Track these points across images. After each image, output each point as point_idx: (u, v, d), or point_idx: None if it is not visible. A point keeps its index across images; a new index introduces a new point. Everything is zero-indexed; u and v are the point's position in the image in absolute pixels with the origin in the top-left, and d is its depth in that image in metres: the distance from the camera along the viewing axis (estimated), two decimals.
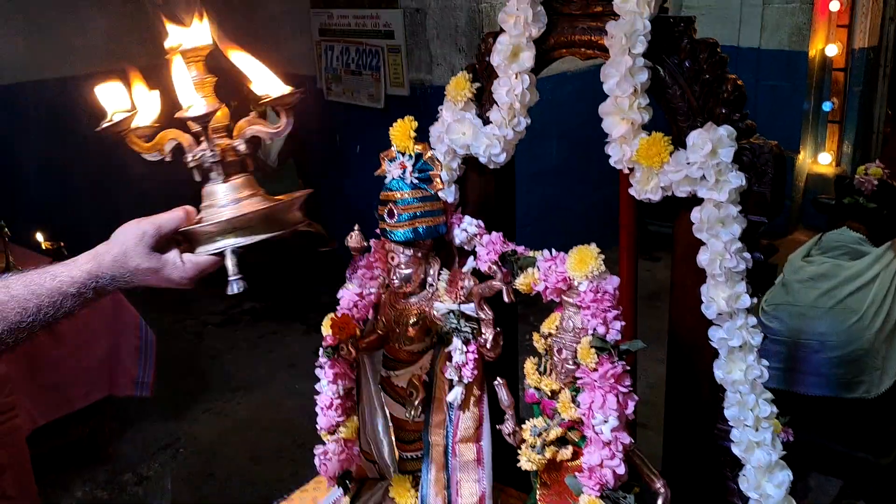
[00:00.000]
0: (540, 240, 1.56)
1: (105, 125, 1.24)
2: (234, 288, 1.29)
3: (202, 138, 1.28)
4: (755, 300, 1.39)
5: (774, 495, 1.39)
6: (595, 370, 1.29)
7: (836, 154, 6.34)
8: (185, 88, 1.28)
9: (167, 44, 1.28)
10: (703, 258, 1.40)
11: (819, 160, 6.34)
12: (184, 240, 1.26)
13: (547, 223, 5.50)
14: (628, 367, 1.31)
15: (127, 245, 1.21)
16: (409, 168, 1.54)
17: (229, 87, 1.44)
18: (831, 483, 2.17)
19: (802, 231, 5.97)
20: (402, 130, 1.57)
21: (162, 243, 1.23)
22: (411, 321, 1.60)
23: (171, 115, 1.31)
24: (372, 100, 5.45)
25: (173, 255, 1.23)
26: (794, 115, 6.05)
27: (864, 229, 3.19)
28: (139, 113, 1.28)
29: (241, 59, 1.33)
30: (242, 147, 1.33)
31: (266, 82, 1.32)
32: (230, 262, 1.26)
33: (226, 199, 1.26)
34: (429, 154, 1.55)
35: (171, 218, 1.23)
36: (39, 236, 3.37)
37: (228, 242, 1.24)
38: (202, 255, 1.23)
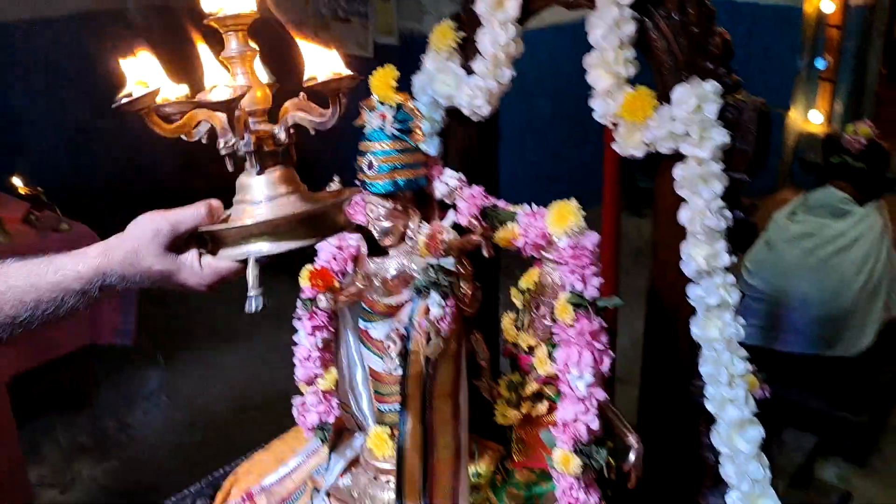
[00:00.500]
0: (528, 196, 1.54)
1: (123, 101, 1.01)
2: (253, 306, 1.13)
3: (236, 123, 1.06)
4: (734, 258, 1.38)
5: (745, 451, 1.40)
6: (572, 326, 1.29)
7: (828, 113, 6.30)
8: (210, 64, 1.06)
9: (206, 6, 1.05)
10: (683, 215, 1.39)
11: (810, 119, 6.31)
12: (207, 239, 1.08)
13: (535, 180, 5.46)
14: (605, 325, 1.31)
15: (140, 242, 1.05)
16: (390, 118, 1.51)
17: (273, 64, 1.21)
18: (807, 439, 2.20)
19: (791, 190, 5.95)
20: (382, 79, 1.53)
21: (179, 242, 1.06)
22: (390, 274, 1.59)
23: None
24: (360, 48, 5.35)
25: (191, 257, 1.07)
26: (786, 72, 5.99)
27: (850, 189, 3.18)
28: (163, 87, 1.05)
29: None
30: (283, 136, 1.11)
31: (317, 61, 1.11)
32: (252, 274, 1.08)
33: (260, 194, 1.06)
34: (410, 104, 1.52)
35: (190, 215, 1.06)
36: (17, 180, 3.31)
37: (257, 248, 1.04)
38: (224, 261, 1.07)
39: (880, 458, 3.13)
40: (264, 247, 1.03)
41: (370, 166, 1.50)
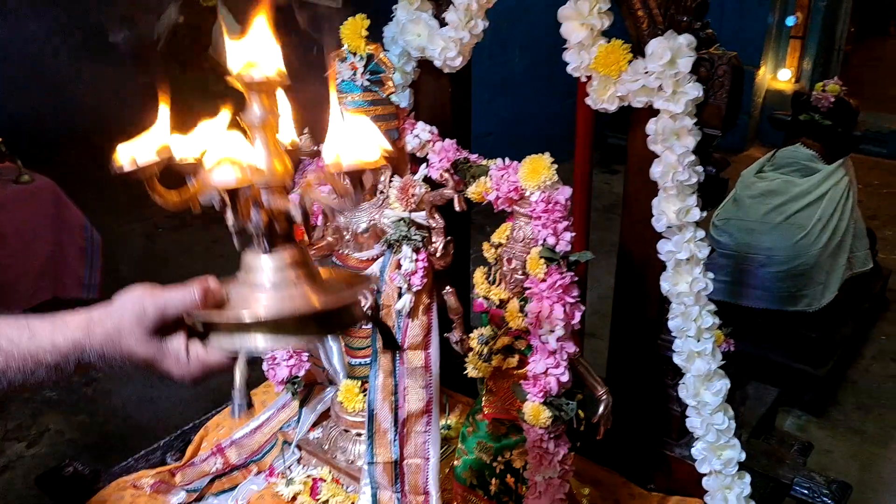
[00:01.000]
0: (501, 151, 1.53)
1: (123, 166, 0.91)
2: (237, 413, 0.99)
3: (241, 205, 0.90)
4: (704, 214, 1.39)
5: (711, 402, 1.43)
6: (543, 280, 1.29)
7: (797, 70, 6.34)
8: (216, 134, 0.90)
9: (233, 67, 0.90)
10: (655, 170, 1.39)
11: (779, 76, 6.34)
12: (198, 325, 0.92)
13: (508, 134, 5.44)
14: (577, 278, 1.31)
15: (123, 322, 0.91)
16: (360, 69, 1.48)
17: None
18: (768, 392, 2.25)
19: (758, 148, 6.02)
20: (352, 29, 1.50)
21: (167, 326, 0.92)
22: (361, 228, 1.58)
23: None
24: None
25: (177, 345, 0.92)
26: (757, 29, 6.00)
27: (818, 147, 3.21)
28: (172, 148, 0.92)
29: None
30: (299, 217, 0.92)
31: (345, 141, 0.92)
32: (239, 374, 0.94)
33: (266, 279, 0.89)
34: (381, 55, 1.49)
35: (180, 298, 0.90)
36: None
37: (254, 344, 0.86)
38: (214, 353, 0.91)
39: (838, 410, 3.22)
40: (262, 342, 0.86)
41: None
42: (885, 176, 5.79)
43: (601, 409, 1.39)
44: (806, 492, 1.72)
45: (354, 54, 1.48)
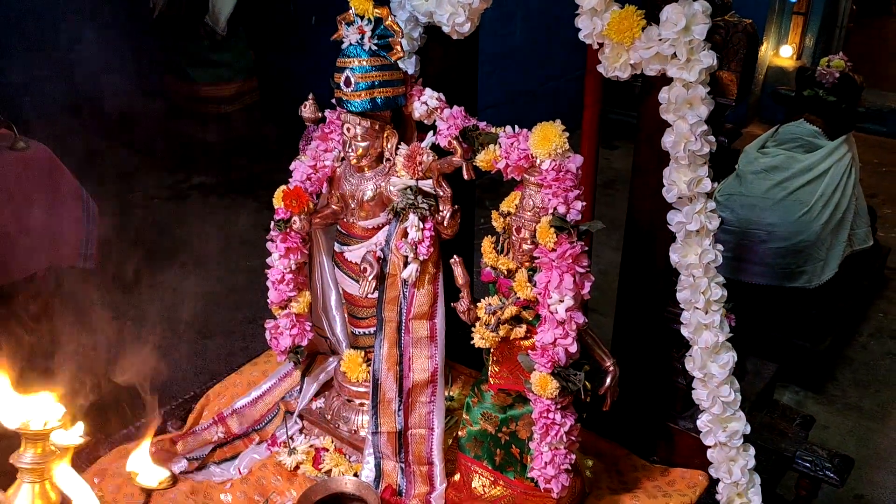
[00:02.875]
0: (501, 123, 1.50)
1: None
2: None
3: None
4: (716, 184, 1.37)
5: (718, 375, 1.42)
6: (553, 250, 1.28)
7: (798, 47, 6.29)
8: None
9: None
10: (667, 140, 1.37)
11: (780, 53, 6.30)
12: None
13: (509, 106, 5.39)
14: (587, 248, 1.30)
15: None
16: (368, 33, 1.45)
17: None
18: (767, 367, 2.26)
19: (758, 125, 5.99)
20: None
21: None
22: (366, 196, 1.56)
23: None
24: None
25: None
26: (760, 4, 5.94)
27: (821, 122, 3.18)
28: None
29: None
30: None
31: None
32: None
33: None
34: (389, 20, 1.46)
35: None
36: None
37: None
38: None
39: (835, 385, 3.24)
40: None
41: (347, 83, 1.45)
42: (886, 154, 5.78)
43: (608, 380, 1.39)
44: (808, 465, 1.73)
45: (362, 18, 1.45)
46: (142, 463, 1.54)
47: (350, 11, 1.48)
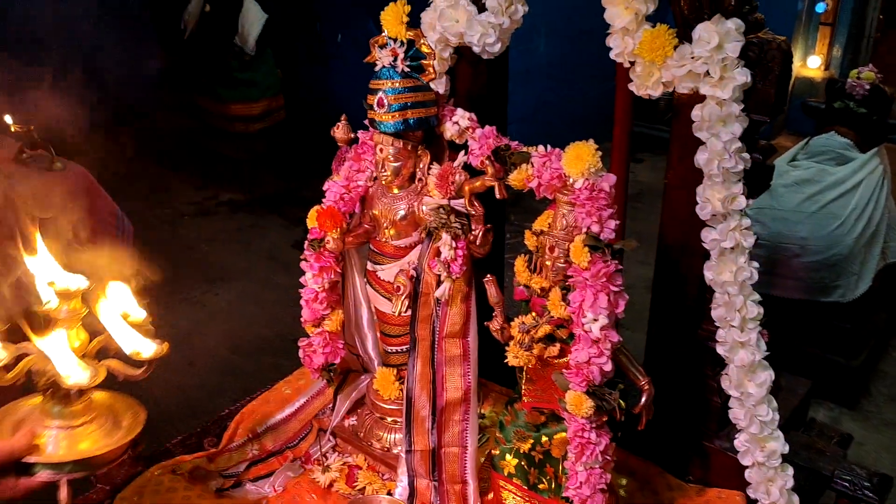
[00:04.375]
0: (527, 138, 1.51)
1: None
2: None
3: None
4: (750, 201, 1.37)
5: (755, 394, 1.41)
6: (587, 269, 1.28)
7: (826, 57, 6.25)
8: (64, 358, 1.23)
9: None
10: (700, 158, 1.36)
11: (808, 63, 6.25)
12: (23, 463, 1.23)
13: (535, 121, 5.41)
14: (621, 267, 1.30)
15: None
16: (401, 55, 1.47)
17: None
18: (801, 383, 2.23)
19: (787, 136, 5.94)
20: (393, 15, 1.49)
21: (5, 468, 1.21)
22: (399, 215, 1.57)
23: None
24: None
25: (11, 479, 1.22)
26: (787, 16, 5.91)
27: (852, 134, 3.16)
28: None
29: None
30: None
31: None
32: (65, 494, 1.26)
33: (66, 422, 1.24)
34: (423, 41, 1.48)
35: (18, 449, 1.21)
36: (8, 118, 3.23)
37: (63, 474, 1.23)
38: (36, 480, 1.22)
39: (870, 401, 3.19)
40: (71, 473, 1.23)
41: (380, 104, 1.46)
42: None
43: (643, 399, 1.38)
44: (847, 484, 1.70)
45: (394, 40, 1.47)
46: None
47: (383, 34, 1.49)
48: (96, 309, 1.27)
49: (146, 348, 1.31)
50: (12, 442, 1.21)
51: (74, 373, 1.22)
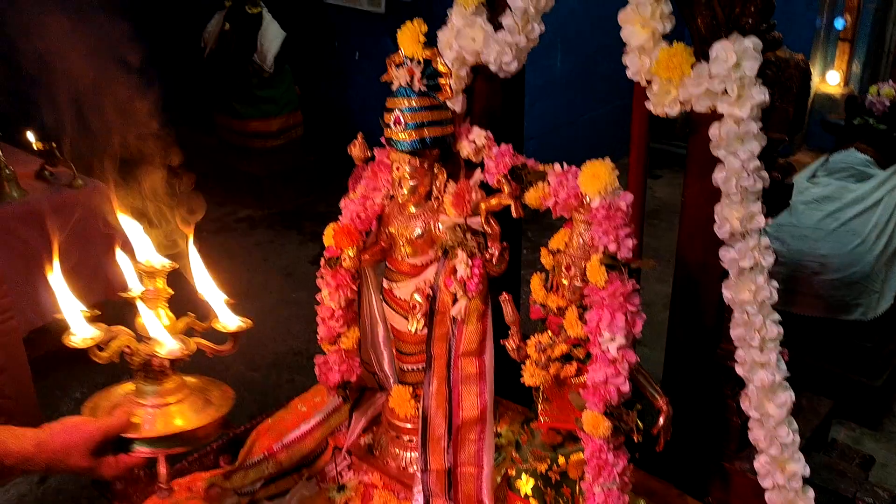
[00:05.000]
0: (542, 155, 1.51)
1: (74, 342, 1.32)
2: (164, 495, 1.39)
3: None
4: (770, 220, 1.36)
5: (775, 415, 1.39)
6: (604, 288, 1.27)
7: (845, 73, 6.21)
8: (156, 328, 1.33)
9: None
10: (718, 176, 1.36)
11: (827, 79, 6.21)
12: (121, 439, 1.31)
13: (550, 137, 5.41)
14: (638, 286, 1.29)
15: (70, 446, 1.24)
16: (418, 74, 1.48)
17: None
18: (822, 403, 2.20)
19: (806, 152, 5.90)
20: (410, 34, 1.50)
21: (104, 445, 1.28)
22: (415, 233, 1.57)
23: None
24: (372, 4, 5.26)
25: (111, 456, 1.30)
26: (806, 32, 5.88)
27: (872, 151, 3.14)
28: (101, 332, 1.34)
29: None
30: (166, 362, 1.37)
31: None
32: (164, 469, 1.36)
33: (160, 400, 1.34)
34: (440, 60, 1.49)
35: (115, 425, 1.28)
36: (30, 135, 3.27)
37: (161, 449, 1.32)
38: (136, 457, 1.30)
39: (893, 422, 3.13)
40: (167, 449, 1.32)
41: (397, 123, 1.47)
42: None
43: (661, 419, 1.36)
44: None
45: (411, 59, 1.48)
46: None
47: (399, 53, 1.50)
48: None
49: (231, 321, 1.41)
50: (109, 420, 1.28)
51: (167, 342, 1.30)
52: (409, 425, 1.69)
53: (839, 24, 6.07)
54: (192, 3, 5.48)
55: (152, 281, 1.36)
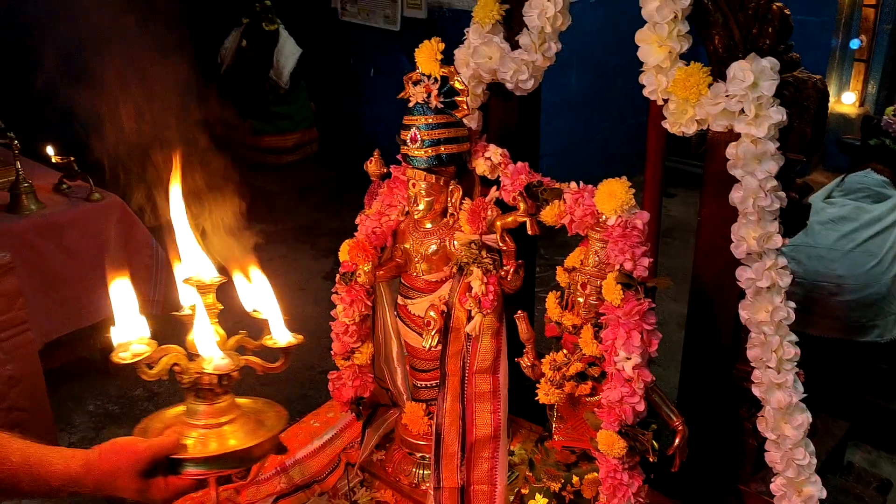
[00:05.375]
0: (558, 173, 1.51)
1: (123, 358, 1.26)
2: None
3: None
4: (787, 240, 1.35)
5: (792, 437, 1.38)
6: (620, 307, 1.27)
7: (861, 94, 6.18)
8: (205, 339, 1.29)
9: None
10: (735, 196, 1.35)
11: (843, 100, 6.19)
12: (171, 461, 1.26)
13: (566, 155, 5.41)
14: (654, 305, 1.28)
15: (119, 467, 1.20)
16: (435, 92, 1.48)
17: None
18: (838, 425, 2.18)
19: (821, 172, 5.87)
20: (427, 52, 1.51)
21: (153, 467, 1.23)
22: (430, 250, 1.57)
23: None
24: (388, 22, 5.30)
25: (161, 479, 1.24)
26: (821, 52, 5.87)
27: (888, 172, 3.12)
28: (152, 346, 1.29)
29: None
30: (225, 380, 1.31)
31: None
32: (214, 491, 1.34)
33: (212, 420, 1.28)
34: (457, 78, 1.50)
35: (165, 445, 1.23)
36: (50, 150, 3.31)
37: (213, 470, 1.26)
38: (186, 479, 1.25)
39: None
40: (219, 470, 1.26)
41: (414, 140, 1.48)
42: None
43: (677, 439, 1.35)
44: None
45: (428, 77, 1.49)
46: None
47: (417, 71, 1.51)
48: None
49: (283, 336, 1.37)
50: (159, 440, 1.23)
51: (216, 357, 1.26)
52: (422, 442, 1.69)
53: (855, 44, 6.05)
54: (211, 20, 5.53)
55: (203, 296, 1.33)
